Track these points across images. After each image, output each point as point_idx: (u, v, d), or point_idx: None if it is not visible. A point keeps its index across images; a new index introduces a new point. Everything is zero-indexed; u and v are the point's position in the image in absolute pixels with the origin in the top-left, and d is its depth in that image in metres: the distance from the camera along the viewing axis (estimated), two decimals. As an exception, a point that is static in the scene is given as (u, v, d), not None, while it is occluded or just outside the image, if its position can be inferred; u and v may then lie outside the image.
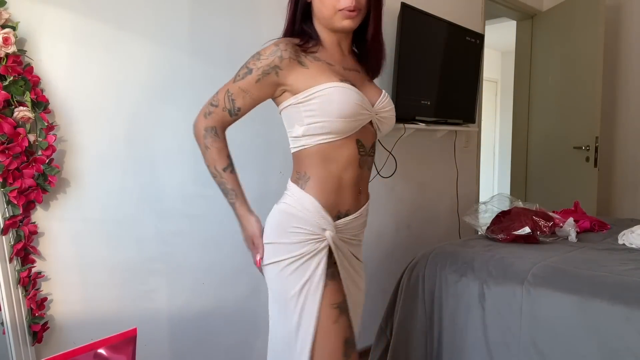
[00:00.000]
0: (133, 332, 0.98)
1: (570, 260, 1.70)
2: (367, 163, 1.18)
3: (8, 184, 1.24)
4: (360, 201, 1.19)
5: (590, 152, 3.26)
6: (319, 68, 1.10)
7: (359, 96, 1.10)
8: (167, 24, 1.60)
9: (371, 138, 1.18)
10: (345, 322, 1.12)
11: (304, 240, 1.10)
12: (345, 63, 1.17)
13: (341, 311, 1.12)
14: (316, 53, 1.13)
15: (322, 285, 1.09)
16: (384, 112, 1.18)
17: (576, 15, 3.34)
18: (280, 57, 1.09)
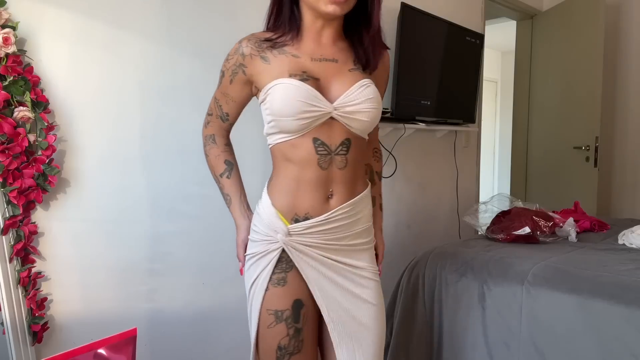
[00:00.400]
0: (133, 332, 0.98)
1: (570, 260, 1.70)
2: (335, 163, 1.07)
3: (8, 184, 1.24)
4: (329, 205, 1.09)
5: (590, 152, 3.26)
6: (280, 62, 1.06)
7: (305, 92, 1.01)
8: (167, 23, 1.60)
9: (338, 135, 1.06)
10: (280, 330, 1.08)
11: (259, 240, 1.12)
12: (318, 53, 1.08)
13: (277, 319, 1.08)
14: (287, 45, 1.08)
15: (264, 288, 1.09)
16: (350, 106, 1.05)
17: (576, 15, 3.34)
18: (242, 54, 1.10)
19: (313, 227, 1.08)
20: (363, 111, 1.06)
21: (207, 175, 1.71)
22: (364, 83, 1.07)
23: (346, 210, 1.10)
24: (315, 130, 1.05)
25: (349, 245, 1.12)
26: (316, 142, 1.06)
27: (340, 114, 1.05)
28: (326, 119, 1.05)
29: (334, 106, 1.04)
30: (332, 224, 1.09)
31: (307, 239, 1.08)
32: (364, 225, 1.15)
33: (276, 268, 1.10)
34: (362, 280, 1.13)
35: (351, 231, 1.12)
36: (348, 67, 1.10)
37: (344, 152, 1.08)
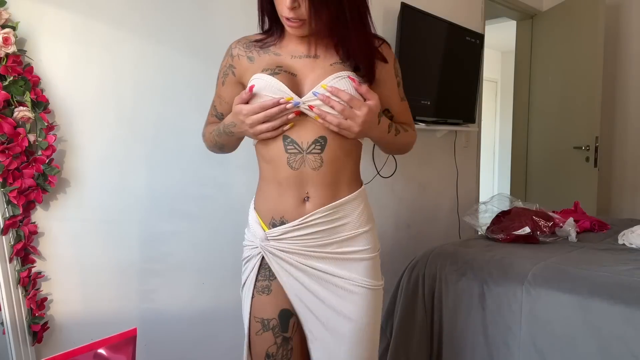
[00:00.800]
0: (133, 332, 0.98)
1: (570, 260, 1.70)
2: (306, 162, 1.01)
3: (8, 184, 1.24)
4: (304, 208, 1.03)
5: (590, 152, 3.26)
6: (262, 61, 1.05)
7: (271, 86, 0.98)
8: (167, 24, 1.60)
9: (310, 132, 1.01)
10: (267, 338, 1.06)
11: (245, 245, 1.13)
12: (300, 50, 1.06)
13: (264, 327, 1.07)
14: (272, 45, 1.07)
15: (251, 295, 1.08)
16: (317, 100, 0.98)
17: (576, 15, 3.34)
18: (231, 55, 1.11)
19: (288, 232, 1.03)
20: None
21: (207, 175, 1.71)
22: (340, 75, 1.00)
23: (324, 214, 1.03)
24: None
25: (336, 254, 1.05)
26: (286, 139, 1.02)
27: (307, 108, 0.99)
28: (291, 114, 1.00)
29: (302, 100, 0.99)
30: (310, 229, 1.03)
31: (285, 245, 1.04)
32: (351, 232, 1.06)
33: (260, 275, 1.08)
34: (343, 293, 1.05)
35: (334, 238, 1.05)
36: (330, 62, 1.04)
37: (318, 150, 1.02)
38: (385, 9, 2.34)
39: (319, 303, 1.05)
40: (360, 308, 1.05)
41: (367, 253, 1.08)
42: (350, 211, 1.07)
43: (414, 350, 1.83)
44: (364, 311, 1.06)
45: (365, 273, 1.07)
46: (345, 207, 1.06)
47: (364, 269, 1.07)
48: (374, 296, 1.08)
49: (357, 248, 1.07)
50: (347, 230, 1.06)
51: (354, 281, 1.05)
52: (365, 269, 1.07)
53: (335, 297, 1.05)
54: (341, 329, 1.05)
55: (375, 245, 1.11)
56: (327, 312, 1.05)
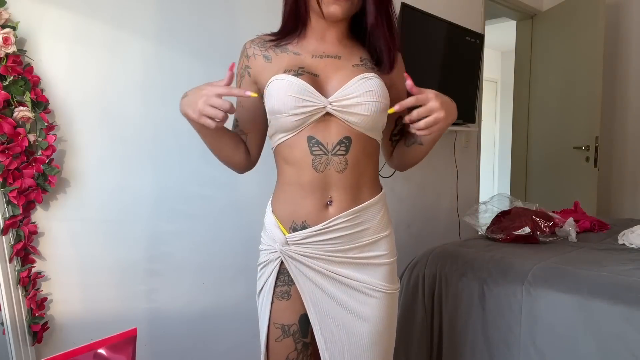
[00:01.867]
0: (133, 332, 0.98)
1: (570, 260, 1.70)
2: (332, 164, 1.00)
3: (8, 184, 1.24)
4: (327, 212, 1.02)
5: (590, 152, 3.26)
6: (280, 60, 1.03)
7: (297, 87, 0.96)
8: (167, 24, 1.60)
9: (335, 133, 0.99)
10: (288, 344, 1.06)
11: (263, 250, 1.10)
12: (320, 50, 1.04)
13: (284, 333, 1.06)
14: (290, 44, 1.05)
15: (270, 301, 1.06)
16: (347, 99, 0.98)
17: (576, 15, 3.34)
18: (247, 55, 1.07)
19: (310, 236, 1.02)
20: (361, 104, 0.98)
21: (207, 175, 1.71)
22: (366, 76, 1.00)
23: (347, 219, 1.02)
24: (310, 128, 0.99)
25: (357, 259, 1.04)
26: (311, 140, 0.99)
27: (335, 108, 0.98)
28: (321, 114, 0.98)
29: (329, 100, 0.98)
30: (332, 234, 1.02)
31: (306, 249, 1.02)
32: (372, 237, 1.05)
33: (279, 280, 1.06)
34: (362, 297, 1.04)
35: (356, 243, 1.03)
36: (352, 62, 1.04)
37: (343, 152, 1.00)
38: (385, 9, 2.34)
39: (338, 307, 1.04)
40: (378, 311, 1.05)
41: (386, 258, 1.07)
42: (371, 216, 1.06)
43: (414, 350, 1.83)
44: (381, 315, 1.05)
45: (383, 278, 1.06)
46: (367, 212, 1.05)
47: (382, 274, 1.06)
48: (391, 300, 1.07)
49: (377, 253, 1.06)
50: (369, 235, 1.05)
51: (373, 286, 1.04)
52: (384, 273, 1.06)
53: (353, 301, 1.04)
54: (359, 332, 1.04)
55: (394, 250, 1.10)
56: (346, 317, 1.04)
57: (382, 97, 1.00)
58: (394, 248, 1.10)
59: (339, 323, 1.05)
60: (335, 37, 1.06)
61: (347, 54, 1.05)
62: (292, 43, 1.06)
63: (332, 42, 1.06)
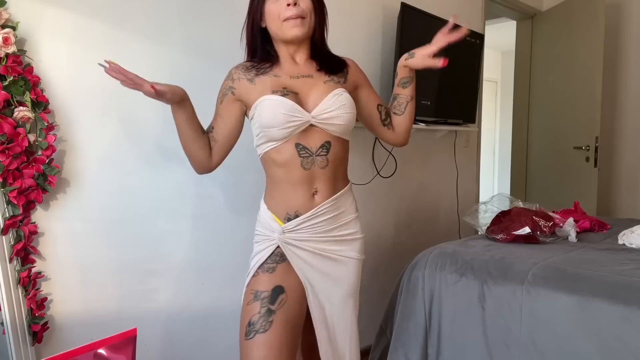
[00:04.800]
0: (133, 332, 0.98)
1: (570, 260, 1.69)
2: (316, 163, 1.23)
3: (8, 184, 1.24)
4: (314, 201, 1.25)
5: (590, 152, 3.26)
6: (263, 83, 1.23)
7: (286, 105, 1.18)
8: (167, 24, 1.60)
9: (318, 139, 1.23)
10: (254, 307, 1.21)
11: (260, 240, 1.28)
12: (295, 71, 1.26)
13: (255, 297, 1.21)
14: (268, 70, 1.26)
15: (253, 274, 1.24)
16: (326, 113, 1.21)
17: (576, 15, 3.34)
18: (232, 79, 1.27)
19: (302, 222, 1.23)
20: (338, 116, 1.22)
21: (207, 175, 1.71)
22: (337, 92, 1.24)
23: (330, 205, 1.26)
24: (296, 137, 1.21)
25: (338, 236, 1.29)
26: (298, 146, 1.22)
27: (318, 122, 1.21)
28: (306, 126, 1.21)
29: (312, 115, 1.21)
30: (319, 218, 1.25)
31: (300, 235, 1.24)
32: (347, 218, 1.31)
33: (269, 259, 1.24)
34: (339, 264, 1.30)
35: (336, 223, 1.28)
36: (322, 80, 1.27)
37: (324, 153, 1.24)
38: (385, 9, 2.34)
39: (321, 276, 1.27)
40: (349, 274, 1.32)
41: (358, 234, 1.35)
42: (345, 200, 1.32)
43: (414, 351, 1.83)
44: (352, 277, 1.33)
45: (357, 249, 1.34)
46: (343, 198, 1.30)
47: (356, 246, 1.34)
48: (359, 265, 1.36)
49: (352, 230, 1.33)
50: (345, 216, 1.31)
51: (348, 256, 1.31)
52: (357, 246, 1.34)
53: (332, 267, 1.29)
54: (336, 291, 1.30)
55: (362, 229, 1.37)
56: (327, 282, 1.29)
57: (352, 107, 1.26)
58: (361, 227, 1.37)
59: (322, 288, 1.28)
60: (304, 59, 1.29)
61: (316, 73, 1.28)
62: (271, 67, 1.27)
63: (303, 63, 1.29)
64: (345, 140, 1.30)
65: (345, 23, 2.18)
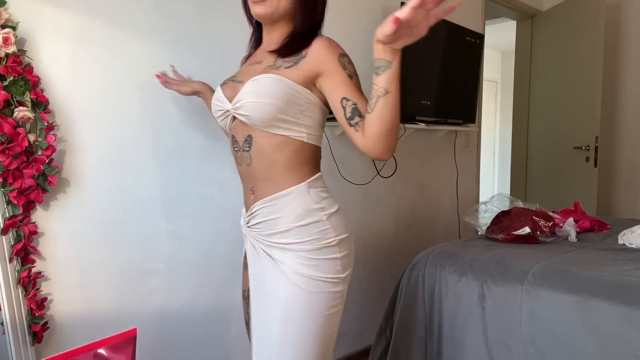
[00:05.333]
0: (133, 332, 0.98)
1: (570, 260, 1.69)
2: (244, 159, 1.11)
3: (8, 184, 1.24)
4: (252, 200, 1.13)
5: (590, 152, 3.26)
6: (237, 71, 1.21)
7: (216, 94, 1.15)
8: (167, 24, 1.60)
9: (241, 132, 1.11)
10: (244, 308, 1.27)
11: None
12: (255, 57, 1.18)
13: (243, 296, 1.27)
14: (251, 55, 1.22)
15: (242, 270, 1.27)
16: (239, 102, 1.07)
17: (576, 15, 3.34)
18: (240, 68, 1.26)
19: (247, 221, 1.16)
20: (244, 105, 1.06)
21: (207, 175, 1.72)
22: (256, 78, 1.06)
23: (262, 207, 1.09)
24: (232, 128, 1.14)
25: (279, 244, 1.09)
26: (233, 139, 1.15)
27: (234, 111, 1.10)
28: (229, 116, 1.13)
29: (232, 104, 1.10)
30: (255, 219, 1.12)
31: (249, 232, 1.16)
32: (288, 226, 1.07)
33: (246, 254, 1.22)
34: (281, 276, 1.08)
35: (274, 229, 1.09)
36: (266, 65, 1.10)
37: (247, 148, 1.10)
38: (385, 9, 2.34)
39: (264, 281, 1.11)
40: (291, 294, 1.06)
41: (307, 245, 1.07)
42: (283, 205, 1.08)
43: (414, 350, 1.83)
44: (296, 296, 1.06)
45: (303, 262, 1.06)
46: (280, 201, 1.08)
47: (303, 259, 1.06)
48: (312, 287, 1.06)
49: (295, 240, 1.07)
50: (283, 224, 1.08)
51: (291, 268, 1.06)
52: (303, 259, 1.06)
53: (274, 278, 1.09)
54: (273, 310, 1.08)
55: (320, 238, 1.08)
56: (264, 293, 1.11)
57: (261, 96, 1.03)
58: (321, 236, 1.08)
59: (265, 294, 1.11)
60: (267, 42, 1.16)
61: (268, 57, 1.12)
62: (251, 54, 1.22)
63: (265, 48, 1.16)
64: (277, 135, 1.06)
65: (345, 23, 2.18)
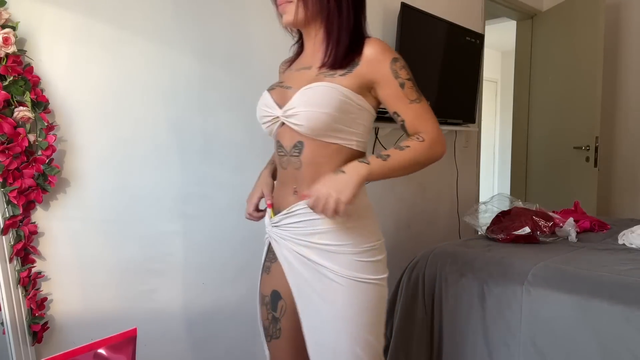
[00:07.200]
0: (133, 332, 0.98)
1: (570, 260, 1.70)
2: (291, 163, 1.12)
3: (8, 184, 1.24)
4: (292, 200, 1.13)
5: (590, 152, 3.26)
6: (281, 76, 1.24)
7: (263, 100, 1.16)
8: (167, 23, 1.60)
9: (289, 138, 1.11)
10: (263, 313, 1.23)
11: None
12: (301, 63, 1.18)
13: (262, 301, 1.23)
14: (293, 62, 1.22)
15: (260, 273, 1.25)
16: (291, 110, 1.07)
17: (576, 15, 3.34)
18: (279, 72, 1.29)
19: (283, 219, 1.14)
20: (297, 114, 1.06)
21: (207, 175, 1.71)
22: (310, 86, 1.06)
23: (304, 207, 1.08)
24: (278, 134, 1.15)
25: (318, 244, 1.09)
26: (277, 144, 1.16)
27: (285, 119, 1.10)
28: (278, 123, 1.12)
29: (282, 112, 1.10)
30: (294, 218, 1.12)
31: (282, 231, 1.15)
32: (328, 226, 1.08)
33: (267, 257, 1.23)
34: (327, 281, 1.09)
35: (314, 229, 1.09)
36: (317, 72, 1.10)
37: (297, 154, 1.11)
38: (385, 9, 2.34)
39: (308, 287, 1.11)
40: (343, 298, 1.07)
41: (349, 247, 1.08)
42: None
43: (414, 351, 1.83)
44: (348, 301, 1.07)
45: (348, 266, 1.08)
46: None
47: (346, 262, 1.08)
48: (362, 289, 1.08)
49: (337, 242, 1.08)
50: (325, 224, 1.08)
51: (336, 272, 1.08)
52: (347, 262, 1.08)
53: (320, 284, 1.09)
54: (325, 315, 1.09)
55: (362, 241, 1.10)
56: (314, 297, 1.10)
57: (318, 105, 1.04)
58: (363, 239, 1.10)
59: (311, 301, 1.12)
60: (311, 47, 1.16)
61: (318, 63, 1.12)
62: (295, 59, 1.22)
63: (309, 52, 1.17)
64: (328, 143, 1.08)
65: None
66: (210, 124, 1.69)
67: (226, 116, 1.74)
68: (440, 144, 1.10)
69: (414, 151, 1.08)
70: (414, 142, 1.08)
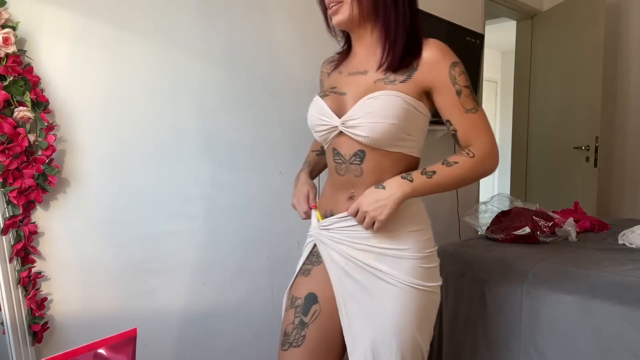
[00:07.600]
0: (133, 332, 0.98)
1: (570, 260, 1.70)
2: (350, 170, 1.09)
3: (8, 184, 1.24)
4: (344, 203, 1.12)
5: (590, 152, 3.26)
6: (330, 80, 1.18)
7: (317, 108, 1.12)
8: (167, 23, 1.60)
9: (349, 146, 1.08)
10: (288, 316, 1.15)
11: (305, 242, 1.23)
12: (353, 67, 1.13)
13: (291, 304, 1.16)
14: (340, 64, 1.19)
15: (295, 276, 1.19)
16: (352, 120, 1.05)
17: (576, 15, 3.34)
18: (321, 71, 1.28)
19: (336, 222, 1.11)
20: (360, 125, 1.03)
21: (207, 175, 1.71)
22: (373, 96, 1.03)
23: None
24: (334, 141, 1.11)
25: (377, 248, 1.07)
26: (334, 152, 1.12)
27: (345, 128, 1.07)
28: (336, 132, 1.09)
29: (341, 121, 1.07)
30: (350, 222, 1.09)
31: (333, 234, 1.11)
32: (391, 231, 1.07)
33: (307, 259, 1.18)
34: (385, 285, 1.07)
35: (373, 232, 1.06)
36: (375, 78, 1.07)
37: (358, 162, 1.08)
38: (385, 9, 2.34)
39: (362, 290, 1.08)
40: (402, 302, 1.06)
41: (409, 252, 1.08)
42: None
43: (414, 350, 1.83)
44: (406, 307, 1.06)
45: (406, 271, 1.07)
46: None
47: (404, 267, 1.07)
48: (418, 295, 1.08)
49: (398, 247, 1.07)
50: (387, 229, 1.06)
51: (395, 277, 1.06)
52: (406, 267, 1.07)
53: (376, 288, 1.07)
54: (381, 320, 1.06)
55: (422, 247, 1.10)
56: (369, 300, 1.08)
57: (384, 117, 1.02)
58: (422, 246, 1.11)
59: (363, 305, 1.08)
60: (364, 50, 1.12)
61: (374, 68, 1.09)
62: (342, 61, 1.18)
63: (362, 55, 1.12)
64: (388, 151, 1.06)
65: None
66: (210, 124, 1.69)
67: (226, 116, 1.74)
68: (492, 159, 1.07)
69: (462, 168, 1.05)
70: (462, 158, 1.05)
